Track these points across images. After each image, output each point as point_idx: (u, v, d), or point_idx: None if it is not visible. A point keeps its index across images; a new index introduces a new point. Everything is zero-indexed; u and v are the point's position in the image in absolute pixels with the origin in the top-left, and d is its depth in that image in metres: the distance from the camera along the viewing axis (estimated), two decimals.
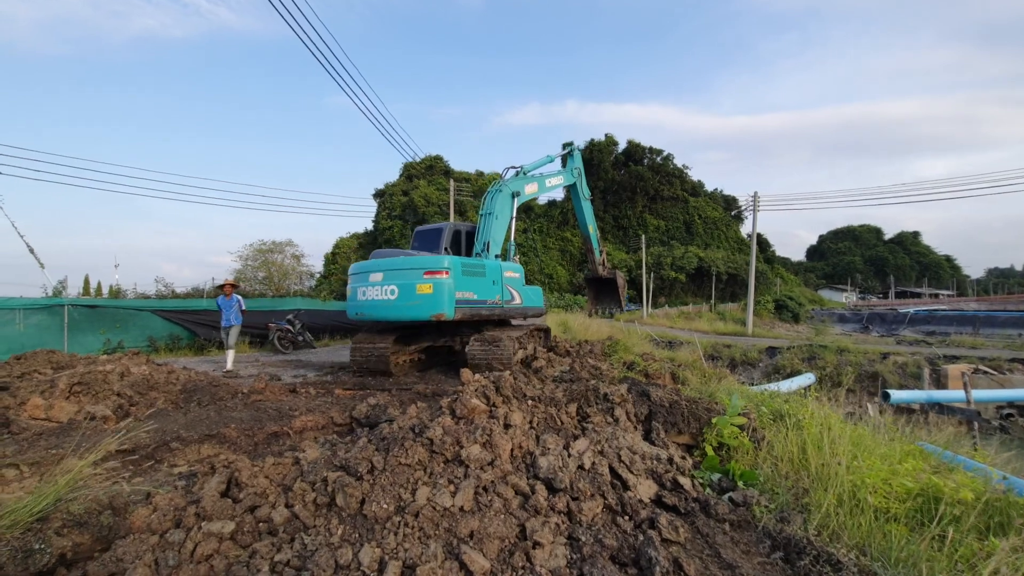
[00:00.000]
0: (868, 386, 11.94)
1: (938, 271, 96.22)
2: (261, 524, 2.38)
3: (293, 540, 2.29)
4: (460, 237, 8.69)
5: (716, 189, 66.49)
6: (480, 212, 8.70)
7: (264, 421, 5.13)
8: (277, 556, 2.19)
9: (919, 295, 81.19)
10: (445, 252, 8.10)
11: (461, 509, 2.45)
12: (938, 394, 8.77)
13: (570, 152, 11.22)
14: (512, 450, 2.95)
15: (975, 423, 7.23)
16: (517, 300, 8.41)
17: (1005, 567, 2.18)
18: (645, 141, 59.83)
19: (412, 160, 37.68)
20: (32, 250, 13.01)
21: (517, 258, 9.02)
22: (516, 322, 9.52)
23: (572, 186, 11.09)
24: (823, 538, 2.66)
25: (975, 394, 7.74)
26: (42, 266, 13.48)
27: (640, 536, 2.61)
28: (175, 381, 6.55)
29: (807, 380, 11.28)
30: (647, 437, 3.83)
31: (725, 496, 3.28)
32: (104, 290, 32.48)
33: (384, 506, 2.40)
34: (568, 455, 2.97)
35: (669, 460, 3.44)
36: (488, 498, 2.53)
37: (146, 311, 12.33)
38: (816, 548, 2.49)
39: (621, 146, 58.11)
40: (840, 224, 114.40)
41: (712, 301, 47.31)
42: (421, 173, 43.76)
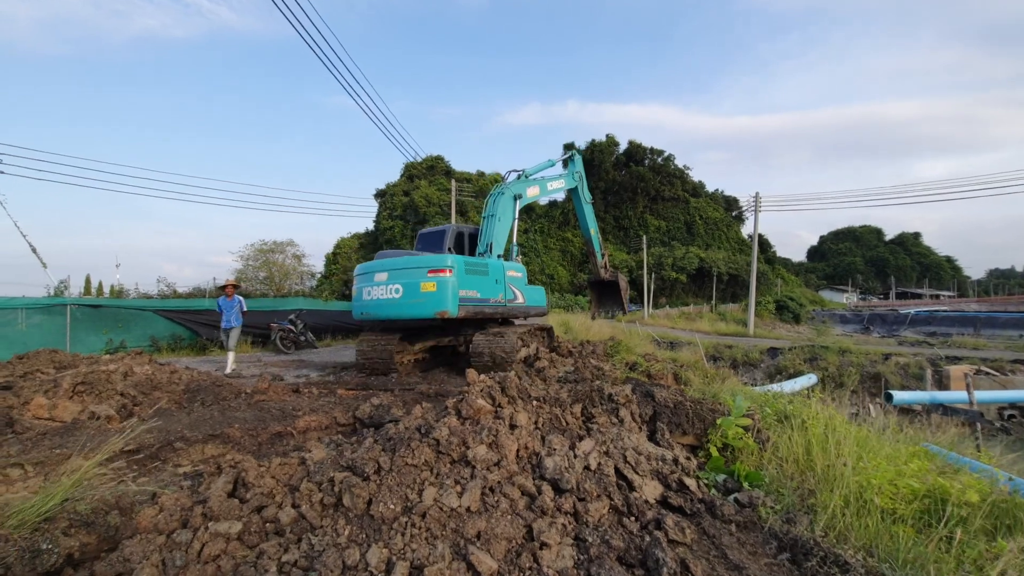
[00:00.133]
0: (870, 387, 11.93)
1: (939, 272, 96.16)
2: (268, 524, 2.38)
3: (300, 540, 2.29)
4: (463, 239, 8.80)
5: (717, 190, 66.55)
6: (483, 214, 8.81)
7: (268, 421, 5.13)
8: (284, 556, 2.19)
9: (920, 296, 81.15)
10: (449, 253, 8.17)
11: (468, 510, 2.44)
12: (941, 395, 8.76)
13: (571, 156, 11.30)
14: (518, 451, 2.95)
15: (978, 424, 7.22)
16: (520, 299, 8.47)
17: (1012, 569, 2.18)
18: (646, 141, 59.91)
19: (413, 160, 37.69)
20: (35, 250, 13.04)
21: (520, 259, 9.10)
22: (519, 322, 9.55)
23: (574, 190, 11.18)
24: (830, 539, 2.65)
25: (977, 395, 7.74)
26: (45, 266, 13.51)
27: (647, 537, 2.61)
28: (178, 381, 6.55)
29: (809, 381, 11.28)
30: (652, 438, 3.83)
31: (730, 497, 3.28)
32: (105, 290, 32.51)
33: (391, 506, 2.40)
34: (574, 456, 2.97)
35: (674, 461, 3.44)
36: (495, 499, 2.53)
37: (148, 311, 12.35)
38: (823, 549, 2.48)
39: (622, 146, 58.14)
40: (841, 225, 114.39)
41: (713, 302, 47.29)
42: (422, 173, 43.77)
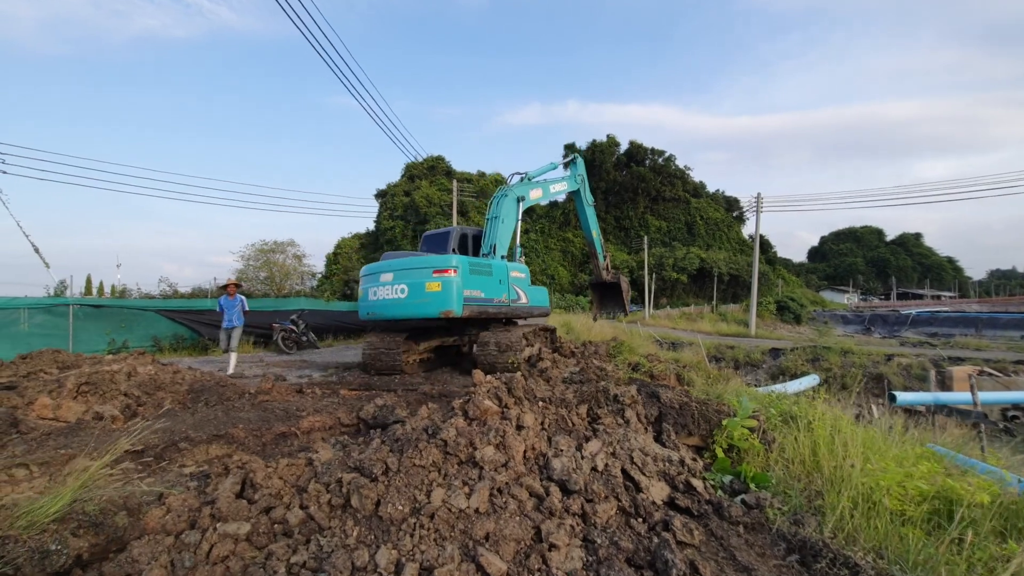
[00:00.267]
0: (872, 387, 11.91)
1: (940, 272, 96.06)
2: (276, 525, 2.38)
3: (309, 541, 2.29)
4: (467, 240, 8.94)
5: (718, 190, 66.50)
6: (486, 216, 8.93)
7: (272, 421, 5.12)
8: (293, 558, 2.19)
9: (921, 296, 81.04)
10: (453, 254, 8.24)
11: (476, 511, 2.44)
12: (944, 396, 8.74)
13: (573, 159, 11.41)
14: (525, 452, 2.94)
15: (982, 425, 7.21)
16: (523, 300, 8.53)
17: None
18: (647, 142, 59.76)
19: (414, 160, 37.69)
20: (37, 250, 13.05)
21: (523, 259, 9.18)
22: (522, 322, 9.60)
23: (576, 192, 11.29)
24: (839, 541, 2.64)
25: (981, 396, 7.71)
26: (47, 266, 13.52)
27: (655, 538, 2.60)
28: (181, 381, 6.55)
29: (811, 382, 11.26)
30: (658, 439, 3.82)
31: (737, 498, 3.27)
32: (106, 290, 32.52)
33: (399, 507, 2.40)
34: (581, 457, 2.96)
35: (681, 462, 3.43)
36: (503, 500, 2.53)
37: (150, 311, 12.35)
38: (833, 551, 2.48)
39: (623, 147, 58.11)
40: (841, 225, 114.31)
41: (714, 302, 47.26)
42: (423, 173, 43.76)
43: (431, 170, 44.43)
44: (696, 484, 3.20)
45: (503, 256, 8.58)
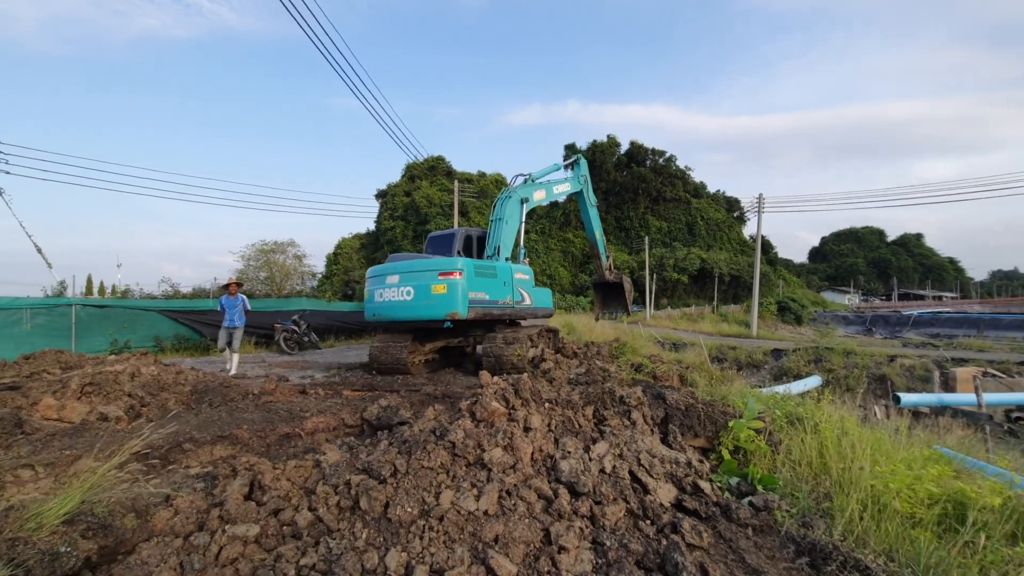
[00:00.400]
0: (875, 388, 11.89)
1: (941, 273, 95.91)
2: (285, 527, 2.37)
3: (318, 544, 2.28)
4: (472, 242, 9.02)
5: (718, 190, 66.49)
6: (491, 218, 9.01)
7: (275, 422, 5.12)
8: (303, 560, 2.18)
9: (922, 297, 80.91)
10: (458, 256, 8.32)
11: (485, 513, 2.43)
12: (948, 397, 8.72)
13: (576, 160, 11.46)
14: (533, 453, 2.93)
15: (987, 427, 7.19)
16: (527, 301, 8.56)
17: None
18: (647, 142, 59.83)
19: (415, 160, 37.69)
20: (40, 250, 13.05)
21: (527, 261, 9.22)
22: (525, 323, 9.62)
23: (579, 193, 11.34)
24: (848, 543, 2.63)
25: (986, 397, 7.70)
26: (50, 266, 13.52)
27: (663, 541, 2.59)
28: (184, 382, 6.55)
29: (814, 382, 11.24)
30: (664, 440, 3.81)
31: (745, 500, 3.26)
32: (107, 290, 32.52)
33: (408, 510, 2.39)
34: (589, 459, 2.95)
35: (687, 464, 3.42)
36: (512, 502, 2.52)
37: (152, 311, 12.35)
38: (843, 554, 2.47)
39: (623, 147, 58.10)
40: (842, 226, 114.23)
41: (715, 303, 47.23)
42: (423, 174, 43.76)
43: (431, 170, 44.42)
44: (703, 486, 3.19)
45: (507, 258, 8.61)
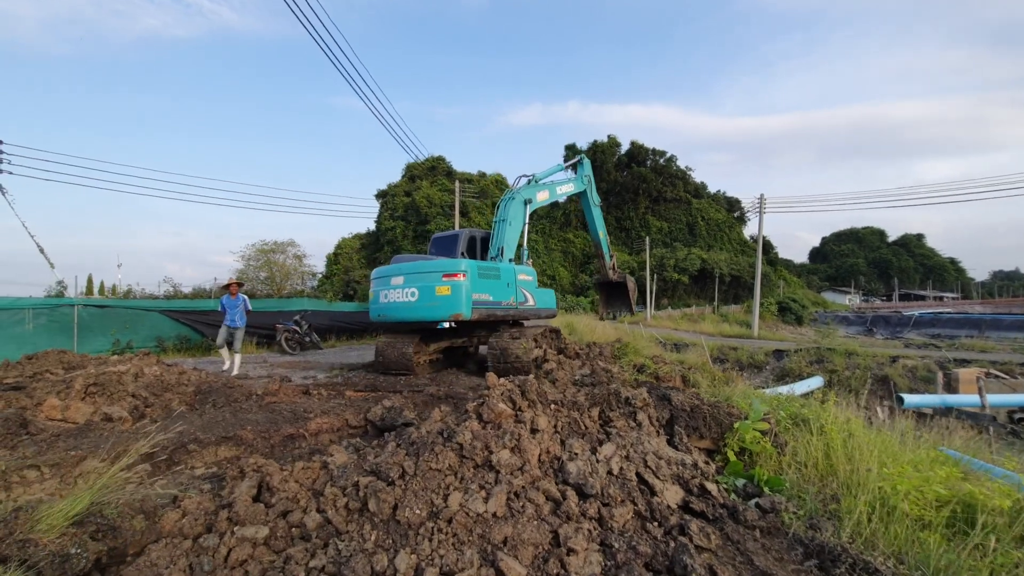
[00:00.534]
0: (877, 389, 11.88)
1: (942, 274, 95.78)
2: (294, 529, 2.37)
3: (327, 545, 2.28)
4: (475, 243, 9.09)
5: (719, 191, 66.44)
6: (494, 219, 9.06)
7: (280, 423, 5.12)
8: (312, 562, 2.18)
9: (923, 298, 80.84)
10: (461, 257, 8.35)
11: (494, 515, 2.43)
12: (952, 398, 8.71)
13: (580, 160, 11.49)
14: (540, 455, 2.93)
15: (990, 428, 7.18)
16: (530, 302, 8.59)
17: None
18: (648, 142, 59.83)
19: (416, 160, 37.69)
20: (42, 250, 13.06)
21: (530, 262, 9.24)
22: (528, 323, 9.64)
23: (582, 193, 11.36)
24: (857, 546, 2.63)
25: (990, 399, 7.69)
26: (52, 266, 13.53)
27: (671, 543, 2.59)
28: (187, 382, 6.55)
29: (815, 383, 11.24)
30: (670, 442, 3.81)
31: (752, 502, 3.26)
32: (107, 290, 32.52)
33: (417, 512, 2.39)
34: (596, 460, 2.95)
35: (694, 465, 3.42)
36: (520, 504, 2.52)
37: (154, 312, 12.35)
38: (852, 556, 2.46)
39: (624, 147, 58.09)
40: (843, 226, 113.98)
41: (715, 303, 47.21)
42: (423, 174, 43.71)
43: (432, 170, 44.39)
44: (710, 488, 3.18)
45: (510, 259, 8.64)
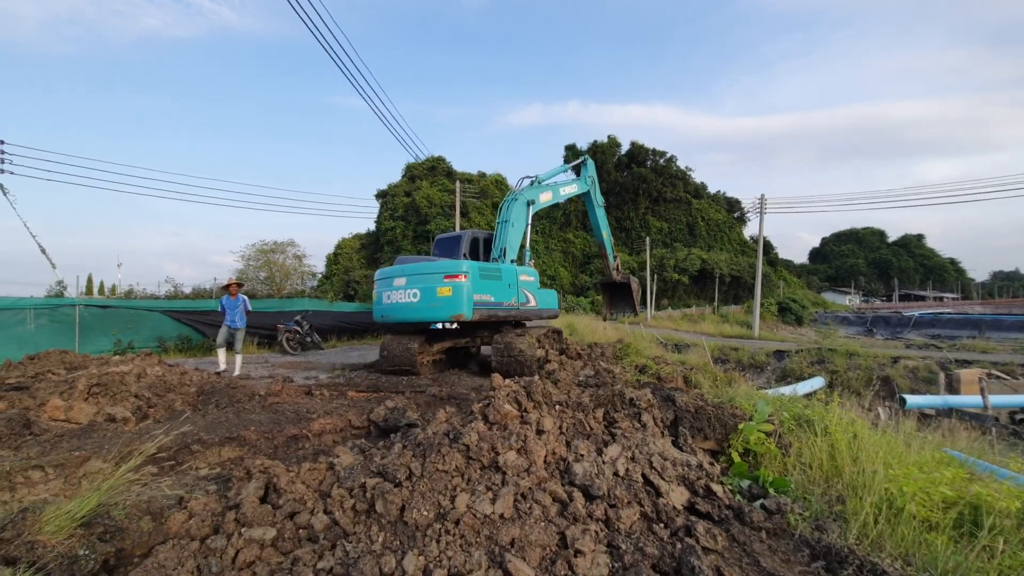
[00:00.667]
0: (879, 390, 11.87)
1: (942, 274, 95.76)
2: (301, 531, 2.37)
3: (335, 547, 2.28)
4: (478, 244, 9.14)
5: (719, 191, 66.42)
6: (497, 220, 9.08)
7: (283, 424, 5.12)
8: (320, 563, 2.18)
9: (923, 298, 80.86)
10: (464, 258, 8.37)
11: (501, 516, 2.43)
12: (955, 399, 8.72)
13: (584, 161, 11.53)
14: (546, 456, 2.93)
15: (993, 429, 7.18)
16: (532, 302, 8.61)
17: None
18: (648, 142, 59.83)
19: (417, 160, 37.68)
20: (44, 250, 13.06)
21: (532, 263, 9.25)
22: (530, 324, 9.66)
23: (586, 194, 11.39)
24: (864, 547, 2.63)
25: (992, 399, 7.69)
26: (54, 266, 13.53)
27: (678, 544, 2.59)
28: (189, 383, 6.54)
29: (817, 384, 11.24)
30: (675, 443, 3.81)
31: (757, 503, 3.26)
32: (107, 290, 32.50)
33: (424, 513, 2.39)
34: (603, 462, 2.95)
35: (699, 466, 3.42)
36: (527, 505, 2.52)
37: (156, 312, 12.35)
38: (859, 557, 2.46)
39: (624, 147, 58.10)
40: (843, 226, 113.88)
41: (715, 303, 47.21)
42: (423, 174, 43.65)
43: (432, 170, 44.34)
44: (716, 489, 3.18)
45: (512, 260, 8.65)
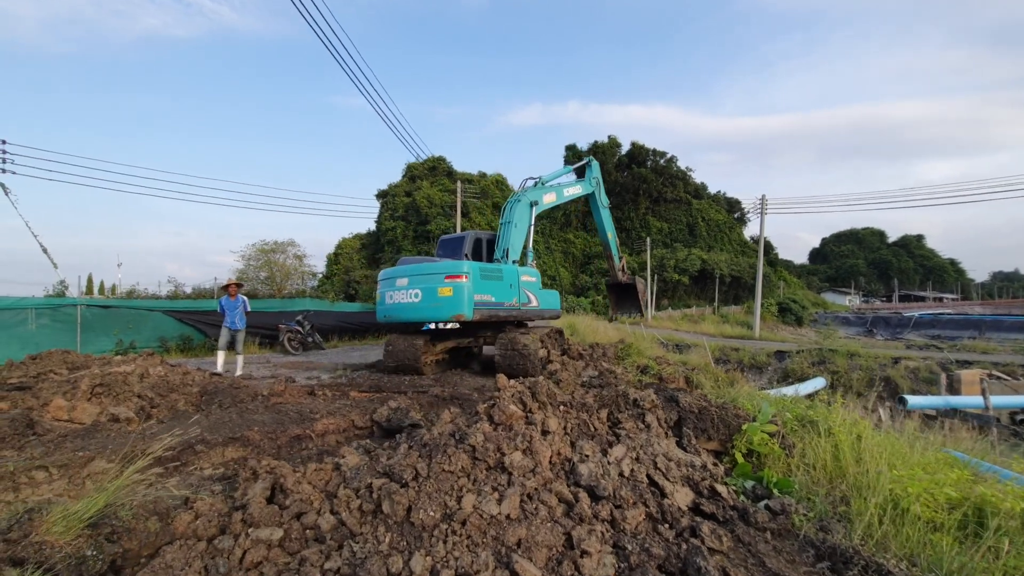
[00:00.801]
0: (880, 391, 11.88)
1: (942, 275, 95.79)
2: (308, 531, 2.37)
3: (341, 547, 2.28)
4: (481, 245, 9.17)
5: (719, 191, 66.45)
6: (500, 221, 9.12)
7: (286, 424, 5.12)
8: (327, 564, 2.18)
9: (923, 299, 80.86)
10: (466, 259, 8.39)
11: (508, 517, 2.43)
12: (956, 400, 8.73)
13: (588, 162, 11.58)
14: (551, 457, 2.93)
15: (994, 430, 7.18)
16: (534, 303, 8.63)
17: None
18: (648, 142, 59.87)
19: (417, 160, 37.68)
20: (46, 250, 13.07)
21: (534, 263, 9.27)
22: (531, 324, 9.68)
23: (591, 195, 11.43)
24: (869, 548, 2.63)
25: (993, 400, 7.70)
26: (55, 266, 13.54)
27: (683, 545, 2.59)
28: (191, 383, 6.55)
29: (818, 384, 11.24)
30: (679, 444, 3.81)
31: (761, 504, 3.26)
32: (107, 289, 32.49)
33: (431, 514, 2.39)
34: (608, 462, 2.95)
35: (703, 467, 3.42)
36: (533, 506, 2.52)
37: (157, 312, 12.35)
38: (864, 558, 2.47)
39: (624, 147, 58.13)
40: (842, 227, 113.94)
41: (715, 304, 47.23)
42: (424, 174, 43.62)
43: (432, 170, 44.31)
44: (720, 490, 3.19)
45: (514, 260, 8.67)
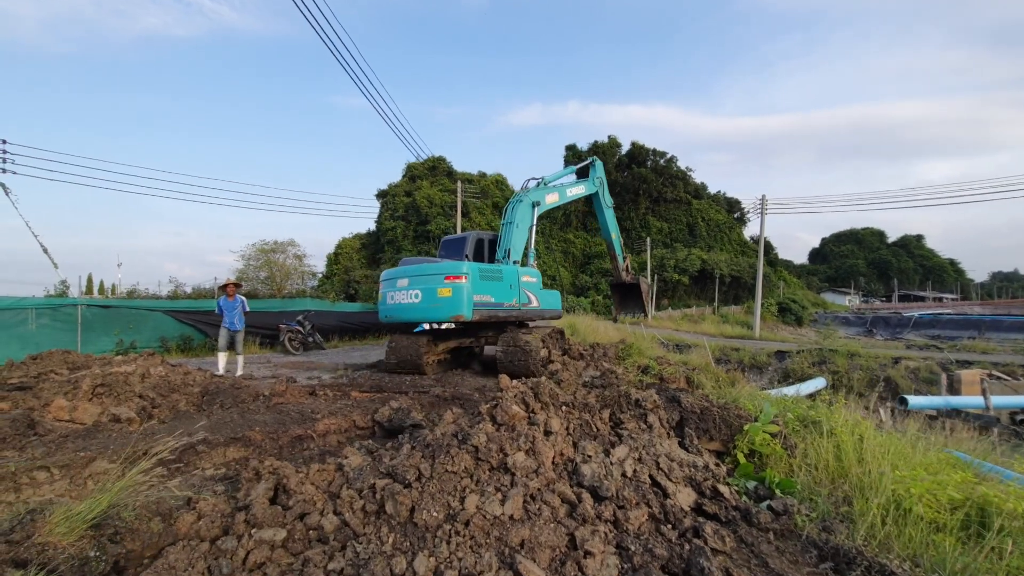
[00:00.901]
0: (881, 391, 11.88)
1: (942, 275, 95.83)
2: (311, 532, 2.37)
3: (345, 548, 2.28)
4: (483, 245, 9.18)
5: (719, 191, 66.46)
6: (502, 221, 9.13)
7: (287, 424, 5.12)
8: (330, 564, 2.18)
9: (922, 299, 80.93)
10: (467, 259, 8.41)
11: (511, 517, 2.43)
12: (956, 400, 8.73)
13: (592, 162, 11.59)
14: (554, 457, 2.93)
15: (995, 430, 7.19)
16: (535, 303, 8.63)
17: None
18: (648, 142, 59.91)
19: (418, 160, 37.69)
20: (46, 250, 13.06)
21: (535, 263, 9.28)
22: (532, 324, 9.67)
23: (594, 195, 11.44)
24: (871, 548, 2.63)
25: (994, 400, 7.70)
26: (56, 266, 13.53)
27: (686, 545, 2.59)
28: (192, 383, 6.54)
29: (819, 384, 11.25)
30: (680, 444, 3.81)
31: (763, 504, 3.26)
32: (107, 289, 32.47)
33: (434, 514, 2.39)
34: (610, 463, 2.95)
35: (705, 467, 3.42)
36: (536, 506, 2.52)
37: (158, 312, 12.34)
38: (867, 559, 2.47)
39: (624, 147, 58.17)
40: (842, 227, 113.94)
41: (715, 304, 47.24)
42: (424, 174, 43.62)
43: (432, 170, 44.32)
44: (723, 490, 3.19)
45: (516, 261, 8.67)
